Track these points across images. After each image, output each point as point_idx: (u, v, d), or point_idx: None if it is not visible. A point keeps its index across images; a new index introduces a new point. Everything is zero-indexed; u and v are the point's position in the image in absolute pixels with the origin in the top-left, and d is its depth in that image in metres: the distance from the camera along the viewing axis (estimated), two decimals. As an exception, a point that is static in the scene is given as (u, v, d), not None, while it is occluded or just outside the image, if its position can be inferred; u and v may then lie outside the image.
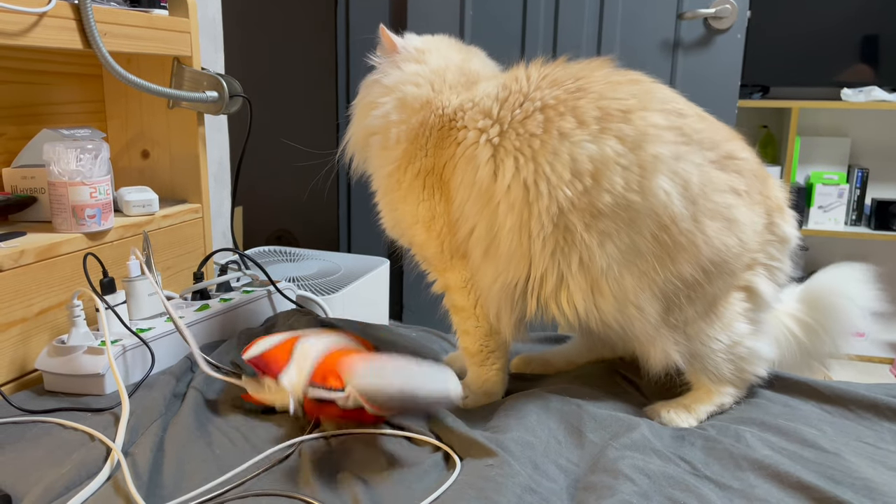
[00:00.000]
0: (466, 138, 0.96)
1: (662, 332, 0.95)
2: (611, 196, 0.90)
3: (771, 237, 0.98)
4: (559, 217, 0.91)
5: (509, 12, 2.14)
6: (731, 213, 0.93)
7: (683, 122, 0.93)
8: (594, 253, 0.91)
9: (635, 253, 0.91)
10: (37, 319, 1.07)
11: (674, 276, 0.92)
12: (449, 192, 0.99)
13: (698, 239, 0.91)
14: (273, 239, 3.13)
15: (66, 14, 1.08)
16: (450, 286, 1.04)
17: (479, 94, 0.99)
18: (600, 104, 0.92)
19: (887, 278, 3.00)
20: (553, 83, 0.95)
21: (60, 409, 0.95)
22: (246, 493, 0.76)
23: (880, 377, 2.72)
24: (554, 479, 0.80)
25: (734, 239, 0.93)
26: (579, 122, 0.91)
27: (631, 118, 0.91)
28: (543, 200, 0.91)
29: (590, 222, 0.91)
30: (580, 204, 0.90)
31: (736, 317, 0.97)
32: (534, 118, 0.93)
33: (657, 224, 0.90)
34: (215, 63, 1.89)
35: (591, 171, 0.90)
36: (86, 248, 1.13)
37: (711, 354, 0.96)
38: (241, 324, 1.26)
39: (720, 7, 2.02)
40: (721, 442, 0.88)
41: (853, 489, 0.77)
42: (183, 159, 1.43)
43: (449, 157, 0.98)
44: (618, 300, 0.93)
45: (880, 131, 2.93)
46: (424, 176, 1.00)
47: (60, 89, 1.36)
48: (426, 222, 1.01)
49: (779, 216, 0.99)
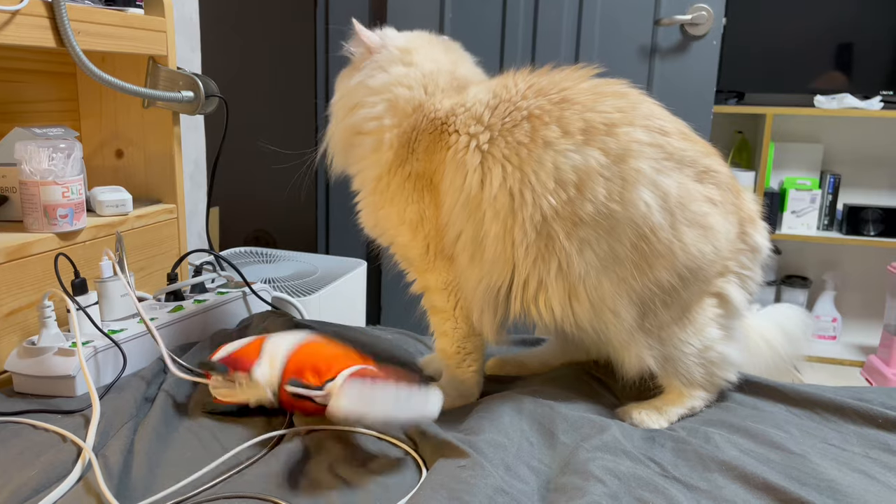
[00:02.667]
0: (458, 142, 0.97)
1: (637, 337, 0.96)
2: (592, 205, 0.91)
3: (743, 246, 1.00)
4: (542, 225, 0.92)
5: (488, 15, 2.15)
6: (707, 220, 0.95)
7: (665, 140, 0.94)
8: (573, 259, 0.92)
9: (614, 260, 0.93)
10: (6, 320, 1.06)
11: (651, 282, 0.93)
12: (438, 196, 0.99)
13: (676, 246, 0.93)
14: (250, 240, 3.11)
15: (40, 12, 1.07)
16: (430, 287, 1.04)
17: (470, 99, 0.99)
18: (585, 116, 0.93)
19: (858, 283, 3.06)
20: (539, 92, 0.96)
21: (30, 411, 0.94)
22: (216, 495, 0.76)
23: (852, 380, 2.76)
24: (525, 480, 0.80)
25: (710, 246, 0.95)
26: (564, 131, 0.92)
27: (615, 132, 0.92)
28: (528, 209, 0.92)
29: (570, 230, 0.92)
30: (563, 213, 0.92)
31: (708, 322, 0.98)
32: (521, 126, 0.94)
33: (636, 233, 0.92)
34: (191, 63, 1.88)
35: (574, 182, 0.91)
36: (57, 249, 1.12)
37: (684, 358, 0.98)
38: (216, 325, 1.26)
39: (696, 14, 2.05)
40: (690, 443, 0.89)
41: (818, 490, 0.78)
42: (158, 159, 1.42)
43: (440, 162, 0.98)
44: (594, 306, 0.94)
45: (852, 138, 2.98)
46: (415, 179, 1.00)
47: (33, 87, 1.34)
48: (413, 224, 1.01)
49: (751, 227, 1.01)
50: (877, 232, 2.83)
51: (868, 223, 2.84)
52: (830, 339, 3.04)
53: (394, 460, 0.85)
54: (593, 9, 2.10)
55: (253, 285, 1.36)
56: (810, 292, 3.06)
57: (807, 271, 3.10)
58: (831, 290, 3.02)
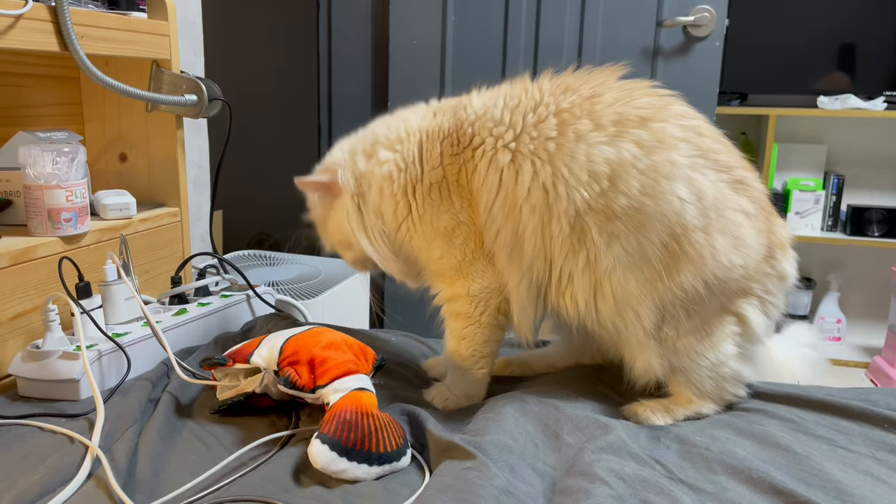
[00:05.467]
0: (484, 144, 0.97)
1: (651, 344, 0.95)
2: (626, 199, 0.90)
3: (770, 271, 0.98)
4: (576, 219, 0.92)
5: (491, 16, 2.16)
6: (741, 231, 0.94)
7: (700, 140, 0.94)
8: (600, 253, 0.92)
9: (641, 257, 0.92)
10: (11, 324, 1.06)
11: (676, 285, 0.92)
12: (469, 197, 0.99)
13: (706, 251, 0.92)
14: (254, 243, 3.11)
15: (43, 16, 1.07)
16: (459, 295, 1.02)
17: (478, 108, 0.99)
18: (617, 109, 0.93)
19: (862, 284, 3.05)
20: (567, 89, 0.97)
21: (34, 415, 0.94)
22: (221, 498, 0.76)
23: (856, 382, 2.75)
24: (530, 482, 0.80)
25: (740, 259, 0.94)
26: (596, 124, 0.92)
27: (649, 125, 0.92)
28: (562, 202, 0.92)
29: (602, 225, 0.91)
30: (597, 206, 0.91)
31: (725, 338, 0.97)
32: (548, 122, 0.94)
33: (668, 231, 0.91)
34: (195, 66, 1.89)
35: (607, 174, 0.91)
36: (61, 252, 1.12)
37: (697, 370, 0.97)
38: (219, 328, 1.26)
39: (699, 15, 2.04)
40: (695, 445, 0.89)
41: (824, 491, 0.78)
42: (161, 163, 1.42)
43: (462, 164, 0.98)
44: (618, 303, 0.94)
45: (856, 138, 2.98)
46: (438, 188, 0.99)
47: (37, 91, 1.35)
48: (447, 232, 1.00)
49: (780, 253, 1.00)
50: (881, 233, 2.82)
51: (872, 224, 2.83)
52: (835, 340, 3.03)
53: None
54: (596, 10, 2.10)
55: (256, 288, 1.36)
56: (814, 293, 3.06)
57: (811, 272, 3.09)
58: (836, 292, 3.01)
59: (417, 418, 0.92)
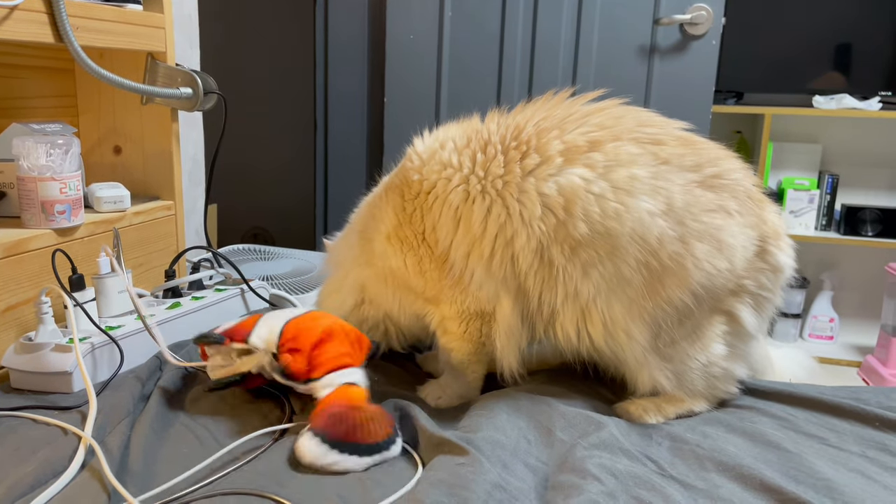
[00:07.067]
0: (435, 188, 0.98)
1: (650, 359, 0.96)
2: (587, 225, 0.90)
3: (763, 265, 0.96)
4: (543, 252, 0.92)
5: (488, 13, 2.15)
6: (721, 234, 0.92)
7: (659, 148, 0.93)
8: (578, 283, 0.92)
9: (622, 281, 0.91)
10: (3, 316, 1.05)
11: (664, 300, 0.92)
12: (433, 236, 0.99)
13: (687, 261, 0.91)
14: (249, 237, 3.11)
15: (38, 7, 1.07)
16: (446, 317, 1.02)
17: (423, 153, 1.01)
18: (564, 139, 0.93)
19: (855, 283, 3.06)
20: (516, 127, 0.97)
21: (27, 407, 0.94)
22: (213, 491, 0.76)
23: (849, 380, 2.76)
24: (523, 478, 0.80)
25: (724, 261, 0.92)
26: (543, 158, 0.93)
27: (600, 147, 0.92)
28: (521, 238, 0.92)
29: (569, 254, 0.91)
30: (557, 237, 0.91)
31: (715, 338, 0.97)
32: (496, 161, 0.95)
33: (643, 249, 0.90)
34: (190, 59, 1.88)
35: (562, 204, 0.91)
36: (55, 245, 1.12)
37: (688, 372, 0.97)
38: (213, 323, 1.25)
39: (696, 13, 2.05)
40: (687, 442, 0.89)
41: (815, 489, 0.78)
42: (156, 156, 1.42)
43: (414, 210, 1.00)
44: (607, 328, 0.94)
45: (851, 138, 2.98)
46: (394, 236, 1.02)
47: (31, 83, 1.34)
48: (415, 268, 1.01)
49: (773, 243, 0.97)
50: (875, 232, 2.83)
51: (866, 223, 2.84)
52: (828, 339, 3.04)
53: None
54: (593, 8, 2.10)
55: (251, 282, 1.36)
56: (808, 292, 3.07)
57: (805, 271, 3.10)
58: (829, 291, 3.03)
59: (410, 414, 0.92)
